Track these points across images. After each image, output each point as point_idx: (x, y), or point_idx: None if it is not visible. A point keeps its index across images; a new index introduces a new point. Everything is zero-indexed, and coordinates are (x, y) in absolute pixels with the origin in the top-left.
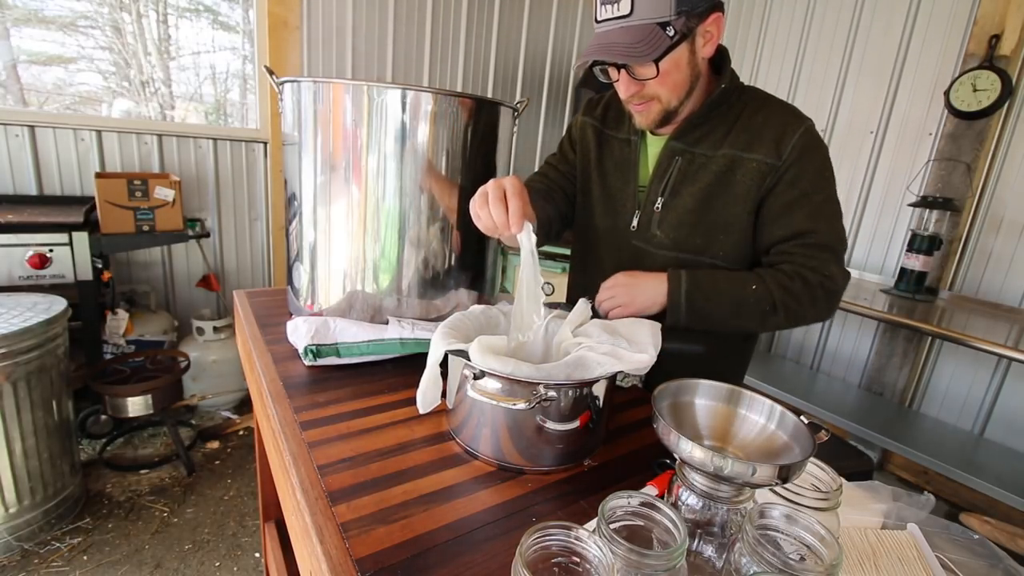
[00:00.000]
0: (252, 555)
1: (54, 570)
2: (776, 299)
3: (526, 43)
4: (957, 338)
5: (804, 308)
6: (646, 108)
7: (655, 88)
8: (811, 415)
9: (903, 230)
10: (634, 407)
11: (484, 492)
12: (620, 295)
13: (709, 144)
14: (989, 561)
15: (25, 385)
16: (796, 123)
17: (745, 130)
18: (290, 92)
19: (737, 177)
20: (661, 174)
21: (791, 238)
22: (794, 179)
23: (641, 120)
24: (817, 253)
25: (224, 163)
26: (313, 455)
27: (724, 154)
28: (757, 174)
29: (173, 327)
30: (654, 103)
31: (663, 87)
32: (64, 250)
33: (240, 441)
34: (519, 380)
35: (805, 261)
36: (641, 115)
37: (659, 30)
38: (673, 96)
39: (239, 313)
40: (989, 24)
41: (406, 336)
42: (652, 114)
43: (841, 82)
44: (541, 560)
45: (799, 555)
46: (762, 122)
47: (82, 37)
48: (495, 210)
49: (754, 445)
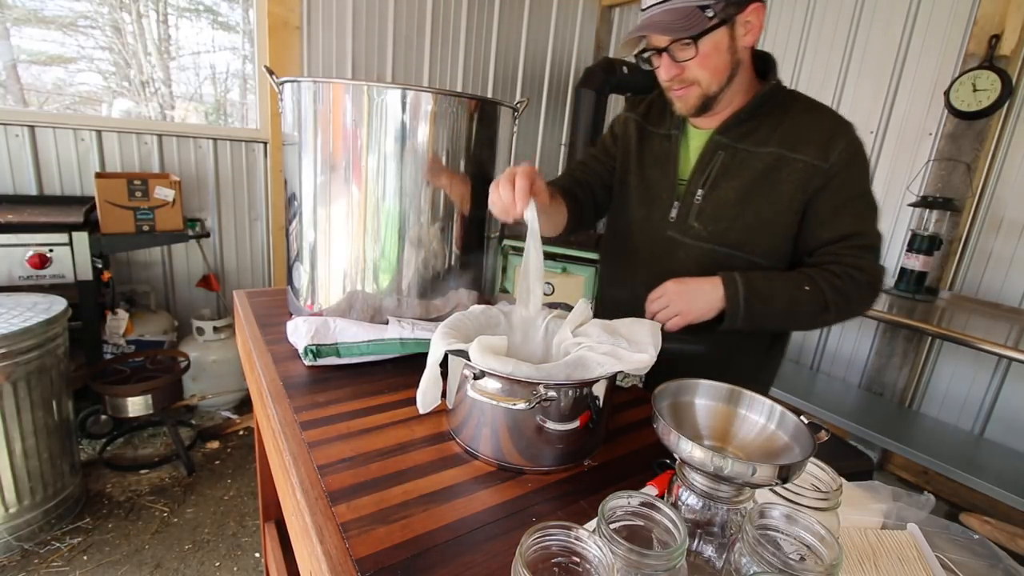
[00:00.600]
0: (252, 555)
1: (54, 570)
2: (828, 299)
3: (526, 43)
4: (957, 338)
5: (853, 305)
6: (686, 93)
7: (695, 71)
8: (811, 415)
9: (903, 230)
10: (634, 407)
11: (484, 492)
12: (676, 303)
13: (754, 141)
14: (989, 561)
15: (25, 385)
16: (844, 128)
17: (792, 130)
18: (290, 92)
19: (783, 175)
20: (703, 167)
21: (839, 240)
22: (843, 183)
23: (680, 106)
24: (864, 254)
25: (224, 163)
26: (313, 455)
27: (770, 152)
28: (803, 174)
29: (173, 327)
30: (694, 88)
31: (703, 70)
32: (64, 250)
33: (240, 441)
34: (519, 380)
35: (853, 261)
36: (680, 100)
37: (699, 12)
38: (713, 81)
39: (239, 313)
40: (989, 24)
41: (406, 336)
42: (691, 98)
43: (841, 82)
44: (541, 560)
45: (799, 555)
46: (810, 123)
47: (82, 37)
48: (504, 191)
49: (754, 445)
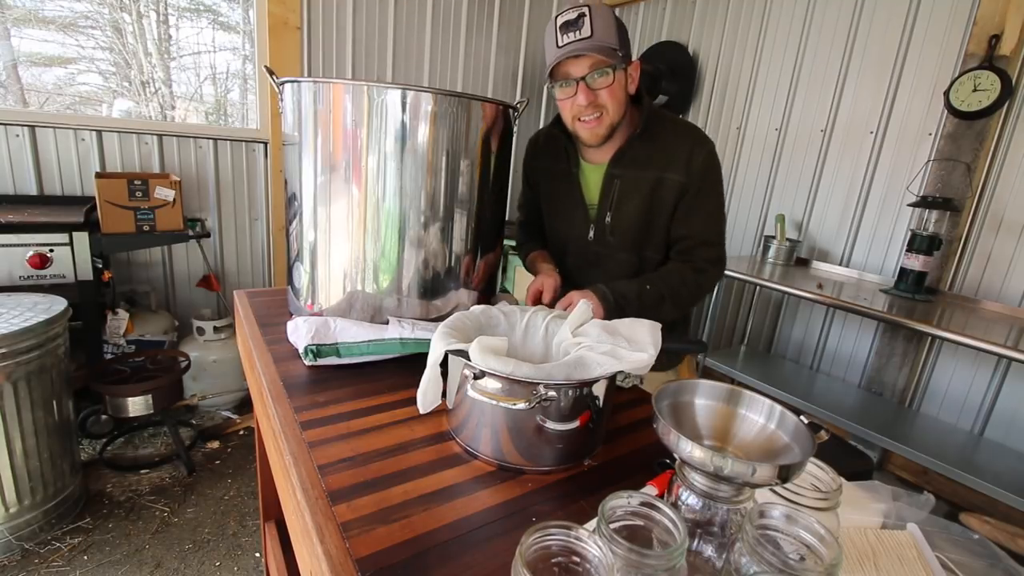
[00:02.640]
0: (252, 555)
1: (54, 570)
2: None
3: (526, 43)
4: (957, 338)
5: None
6: (597, 123)
7: (606, 99)
8: (811, 415)
9: (903, 230)
10: (634, 407)
11: (484, 492)
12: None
13: (637, 167)
14: (989, 561)
15: (25, 385)
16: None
17: (663, 153)
18: (290, 92)
19: (663, 191)
20: (605, 194)
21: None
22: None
23: (589, 135)
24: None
25: (224, 163)
26: (313, 455)
27: (650, 176)
28: (675, 189)
29: (173, 327)
30: (604, 117)
31: (613, 100)
32: (64, 250)
33: (240, 441)
34: (519, 380)
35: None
36: (590, 130)
37: (612, 51)
38: (617, 112)
39: (239, 313)
40: (989, 24)
41: (406, 336)
42: (601, 127)
43: (841, 82)
44: (541, 560)
45: (799, 555)
46: (675, 145)
47: (82, 37)
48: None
49: (754, 445)
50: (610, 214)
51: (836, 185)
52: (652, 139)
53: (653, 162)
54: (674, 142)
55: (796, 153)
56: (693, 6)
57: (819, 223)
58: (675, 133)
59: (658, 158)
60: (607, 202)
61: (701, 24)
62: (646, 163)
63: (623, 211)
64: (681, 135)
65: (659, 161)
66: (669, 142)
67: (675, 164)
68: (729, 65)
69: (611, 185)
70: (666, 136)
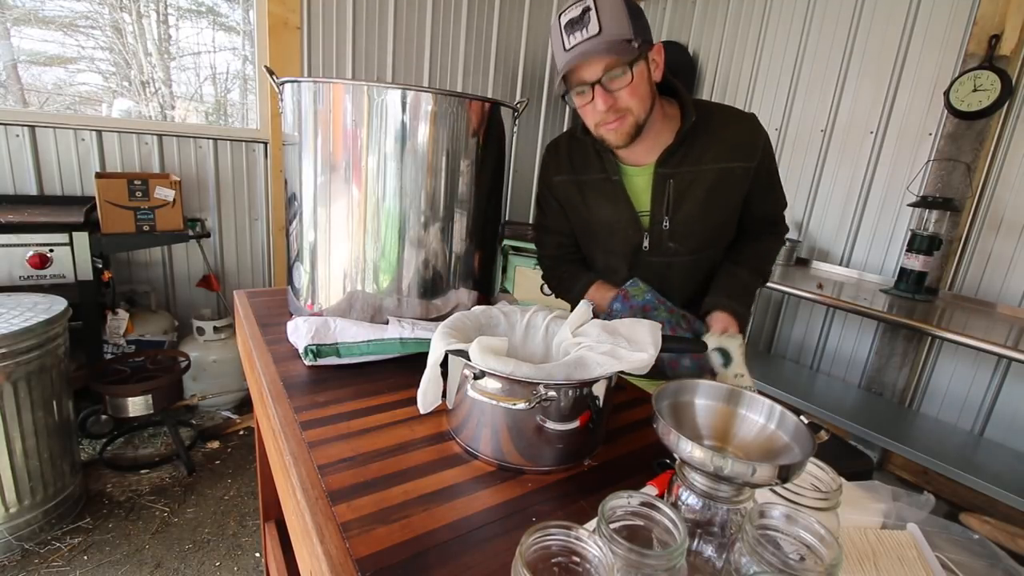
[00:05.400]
0: (252, 555)
1: (54, 570)
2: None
3: (526, 43)
4: (957, 338)
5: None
6: (620, 124)
7: (627, 100)
8: (811, 415)
9: (903, 230)
10: (634, 407)
11: (484, 492)
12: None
13: (692, 162)
14: (989, 561)
15: (25, 385)
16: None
17: (723, 145)
18: (290, 92)
19: (729, 183)
20: (658, 198)
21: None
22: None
23: (615, 138)
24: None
25: (224, 163)
26: (313, 455)
27: (711, 168)
28: (743, 177)
29: (173, 327)
30: (628, 117)
31: (634, 98)
32: (64, 250)
33: (240, 441)
34: (519, 380)
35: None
36: (614, 132)
37: (627, 44)
38: (642, 109)
39: (239, 313)
40: (989, 24)
41: (406, 336)
42: (626, 127)
43: (841, 82)
44: (541, 560)
45: (799, 555)
46: (734, 134)
47: (82, 37)
48: None
49: (754, 445)
50: (667, 219)
51: (836, 185)
52: (702, 130)
53: (712, 154)
54: (734, 130)
55: (796, 153)
56: (693, 6)
57: (819, 223)
58: (727, 120)
59: (719, 149)
60: (662, 206)
61: (701, 24)
62: (702, 156)
63: (683, 212)
64: (733, 120)
65: (721, 152)
66: (725, 132)
67: (741, 151)
68: (729, 65)
69: (663, 186)
70: (720, 124)
